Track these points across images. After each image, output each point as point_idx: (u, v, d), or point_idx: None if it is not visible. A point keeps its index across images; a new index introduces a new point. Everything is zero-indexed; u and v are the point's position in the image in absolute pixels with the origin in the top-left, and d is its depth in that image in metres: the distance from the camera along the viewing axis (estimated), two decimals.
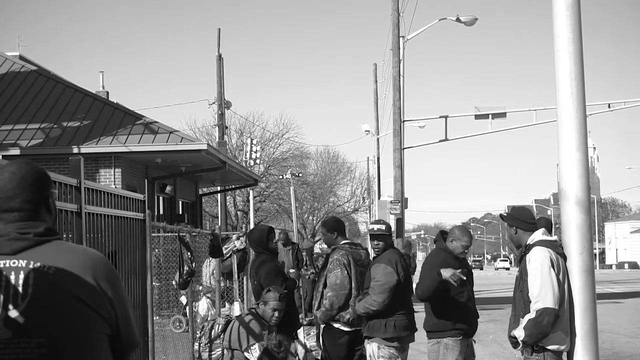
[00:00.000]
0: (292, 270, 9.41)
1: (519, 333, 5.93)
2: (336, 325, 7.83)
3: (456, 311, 7.30)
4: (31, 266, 2.61)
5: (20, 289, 2.58)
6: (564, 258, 6.06)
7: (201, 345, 7.50)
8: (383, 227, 7.62)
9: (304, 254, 17.59)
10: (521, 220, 6.28)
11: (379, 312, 7.31)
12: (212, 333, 7.52)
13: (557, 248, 6.08)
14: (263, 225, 9.49)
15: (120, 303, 2.74)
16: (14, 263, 2.61)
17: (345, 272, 7.74)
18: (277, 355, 6.98)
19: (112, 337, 2.71)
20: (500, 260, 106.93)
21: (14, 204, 2.69)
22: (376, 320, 7.39)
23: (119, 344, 2.74)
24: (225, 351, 7.31)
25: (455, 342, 7.29)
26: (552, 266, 5.89)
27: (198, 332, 7.67)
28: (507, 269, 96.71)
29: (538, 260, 5.92)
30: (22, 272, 2.60)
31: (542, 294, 5.83)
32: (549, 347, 5.94)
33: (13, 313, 2.55)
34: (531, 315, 5.87)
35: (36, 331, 2.55)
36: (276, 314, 7.31)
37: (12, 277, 2.59)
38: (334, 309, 7.72)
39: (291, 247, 16.42)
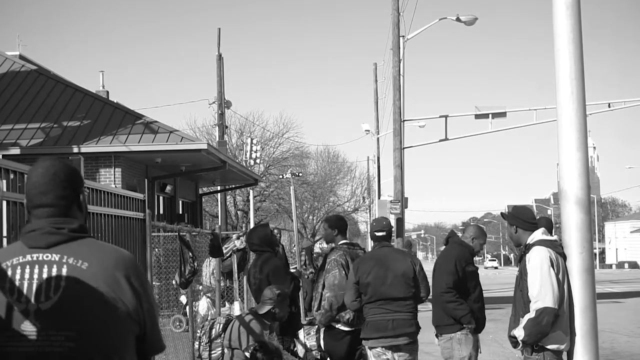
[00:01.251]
0: (292, 270, 9.39)
1: (519, 332, 5.94)
2: (337, 325, 7.84)
3: (470, 304, 7.40)
4: (64, 261, 2.62)
5: (52, 282, 2.59)
6: (564, 258, 6.06)
7: (201, 344, 7.49)
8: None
9: (302, 252, 17.59)
10: (522, 219, 6.30)
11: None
12: (213, 332, 7.51)
13: (557, 248, 6.09)
14: (262, 224, 9.48)
15: (148, 304, 2.74)
16: (47, 257, 2.62)
17: (343, 272, 7.74)
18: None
19: (139, 338, 2.72)
20: (489, 260, 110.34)
21: (46, 200, 2.70)
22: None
23: (144, 345, 2.75)
24: (225, 350, 7.30)
25: (467, 337, 7.34)
26: (552, 266, 5.90)
27: (198, 331, 7.66)
28: (496, 267, 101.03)
29: (537, 259, 5.92)
30: (55, 266, 2.61)
31: (541, 294, 5.83)
32: (548, 347, 5.94)
33: (44, 306, 2.56)
34: (531, 314, 5.87)
35: (65, 325, 2.56)
36: (276, 310, 7.31)
37: (45, 271, 2.60)
38: (333, 309, 7.72)
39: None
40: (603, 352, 11.89)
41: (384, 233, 7.72)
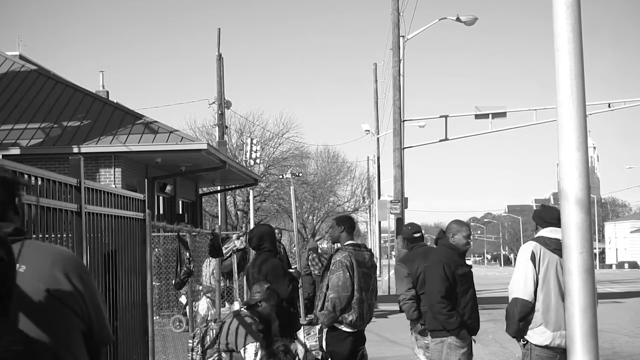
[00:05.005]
0: (291, 270, 9.40)
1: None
2: (339, 326, 7.82)
3: (460, 309, 7.32)
4: None
5: None
6: (559, 254, 6.18)
7: (198, 352, 7.42)
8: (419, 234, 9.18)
9: (310, 254, 17.82)
10: (543, 219, 6.58)
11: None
12: (207, 340, 7.43)
13: (548, 245, 6.30)
14: (263, 223, 9.55)
15: (91, 298, 2.77)
16: None
17: (348, 273, 7.72)
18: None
19: (86, 333, 2.74)
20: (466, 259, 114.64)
21: None
22: None
23: (92, 340, 2.77)
24: (223, 355, 7.22)
25: (458, 341, 7.28)
26: (533, 259, 6.19)
27: (195, 340, 7.56)
28: (470, 266, 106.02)
29: (519, 254, 6.39)
30: None
31: (512, 287, 6.34)
32: (532, 342, 6.27)
33: None
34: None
35: (10, 330, 2.54)
36: (263, 304, 7.31)
37: None
38: (336, 310, 7.69)
39: None
40: (603, 352, 11.89)
41: (420, 234, 9.16)
